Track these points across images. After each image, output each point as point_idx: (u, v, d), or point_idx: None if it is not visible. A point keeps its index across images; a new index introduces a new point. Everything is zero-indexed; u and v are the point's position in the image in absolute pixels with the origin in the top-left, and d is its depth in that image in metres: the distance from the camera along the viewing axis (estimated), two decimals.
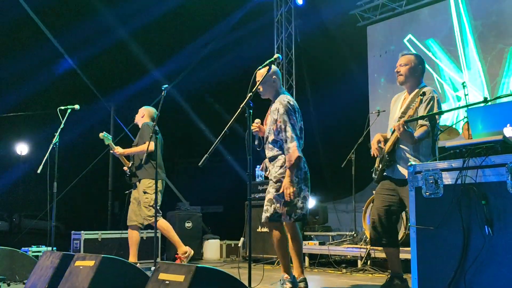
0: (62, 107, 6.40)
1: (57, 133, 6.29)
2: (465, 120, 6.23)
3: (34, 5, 8.86)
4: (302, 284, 4.76)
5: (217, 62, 10.71)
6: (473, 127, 2.86)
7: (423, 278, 2.82)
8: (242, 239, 4.57)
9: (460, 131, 6.61)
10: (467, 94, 6.47)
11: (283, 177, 4.61)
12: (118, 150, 6.43)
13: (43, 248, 7.31)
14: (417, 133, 4.23)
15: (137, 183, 6.47)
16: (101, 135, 6.43)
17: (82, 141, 9.46)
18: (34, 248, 7.36)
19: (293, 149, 4.54)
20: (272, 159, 4.79)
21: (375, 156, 4.64)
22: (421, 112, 4.28)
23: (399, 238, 6.42)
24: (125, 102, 9.86)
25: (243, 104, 4.19)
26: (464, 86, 6.52)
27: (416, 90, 4.52)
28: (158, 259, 8.36)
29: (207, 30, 10.70)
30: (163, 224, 6.43)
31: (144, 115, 6.73)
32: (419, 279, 2.83)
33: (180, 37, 10.45)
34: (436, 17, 9.37)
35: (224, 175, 10.90)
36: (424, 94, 4.20)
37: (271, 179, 4.76)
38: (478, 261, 2.59)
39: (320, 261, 7.42)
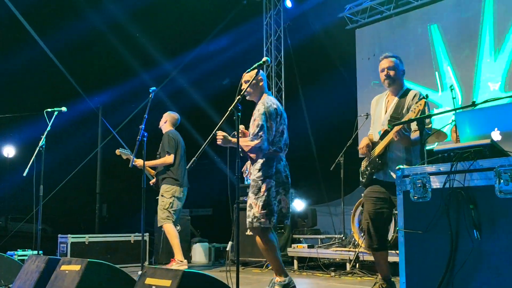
0: (49, 109, 6.35)
1: (44, 136, 6.23)
2: (453, 123, 6.25)
3: (20, 6, 8.79)
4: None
5: (206, 64, 10.68)
6: (461, 131, 2.85)
7: (411, 282, 2.81)
8: (230, 242, 4.54)
9: (448, 133, 6.63)
10: (454, 97, 6.48)
11: (261, 180, 4.63)
12: (139, 162, 6.27)
13: (29, 252, 7.23)
14: (413, 136, 4.27)
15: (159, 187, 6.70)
16: (117, 151, 6.48)
17: (69, 143, 9.38)
18: (20, 252, 7.28)
19: (250, 143, 4.59)
20: (253, 162, 4.80)
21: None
22: (411, 117, 4.30)
23: (390, 239, 6.45)
24: (112, 104, 9.80)
25: (231, 107, 4.17)
26: (452, 89, 6.53)
27: (411, 93, 4.52)
28: (146, 263, 8.35)
29: (195, 34, 10.67)
30: (170, 229, 6.55)
31: (167, 121, 6.81)
32: (407, 283, 2.82)
33: (169, 39, 10.41)
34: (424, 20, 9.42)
35: (213, 178, 10.88)
36: (427, 96, 4.24)
37: (251, 183, 4.76)
38: (466, 265, 2.57)
39: (309, 264, 7.40)
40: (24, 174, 5.99)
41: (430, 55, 9.22)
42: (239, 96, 4.29)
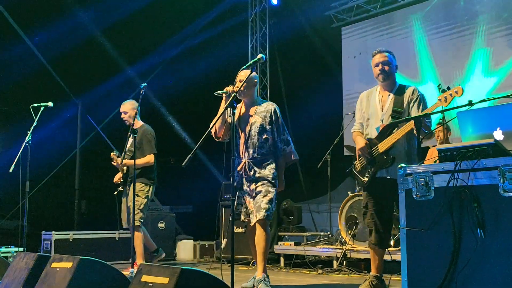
0: (35, 105, 6.26)
1: (30, 131, 6.14)
2: (440, 121, 6.32)
3: (4, 1, 8.67)
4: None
5: (191, 61, 10.62)
6: (463, 130, 2.88)
7: (413, 280, 2.83)
8: (225, 240, 4.55)
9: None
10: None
11: (276, 180, 4.93)
12: (124, 161, 6.22)
13: (13, 249, 7.12)
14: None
15: (128, 185, 6.36)
16: (112, 154, 6.30)
17: (51, 139, 9.25)
18: (3, 249, 7.16)
19: (291, 151, 5.03)
20: (263, 160, 4.94)
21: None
22: (415, 110, 4.36)
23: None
24: (95, 100, 9.69)
25: (226, 104, 4.16)
26: (439, 88, 6.57)
27: (409, 89, 4.53)
28: (131, 260, 8.27)
29: (180, 29, 10.60)
30: (140, 233, 6.33)
31: (135, 113, 6.37)
32: (408, 281, 2.84)
33: (152, 36, 10.32)
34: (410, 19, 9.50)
35: (195, 175, 10.83)
36: (415, 92, 4.31)
37: (261, 179, 4.89)
38: (470, 264, 2.60)
39: (295, 262, 7.41)
40: (10, 170, 5.90)
41: (415, 54, 9.30)
42: (234, 94, 4.29)
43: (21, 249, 7.09)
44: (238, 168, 4.96)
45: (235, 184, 4.66)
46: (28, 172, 6.03)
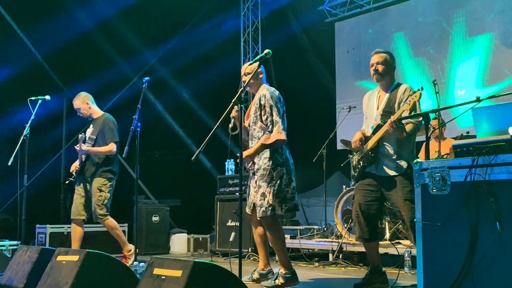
0: (33, 98, 6.22)
1: (28, 124, 6.10)
2: (436, 116, 6.40)
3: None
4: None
5: (182, 52, 10.59)
6: (478, 126, 2.94)
7: (429, 273, 2.89)
8: (233, 233, 4.57)
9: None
10: (437, 92, 6.59)
11: (272, 168, 4.66)
12: (86, 147, 6.16)
13: (7, 242, 7.07)
14: (408, 129, 4.37)
15: (90, 178, 6.30)
16: (80, 136, 6.25)
17: (40, 133, 9.17)
18: None
19: (276, 131, 4.61)
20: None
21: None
22: (407, 109, 4.36)
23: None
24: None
25: (234, 99, 4.17)
26: (434, 84, 6.63)
27: (401, 87, 4.60)
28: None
29: (173, 22, 10.56)
30: (111, 223, 6.38)
31: (91, 103, 6.45)
32: (424, 274, 2.90)
33: (146, 30, 10.28)
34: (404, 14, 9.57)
35: (183, 169, 10.83)
36: (423, 88, 4.31)
37: (257, 172, 4.76)
38: (486, 257, 2.67)
39: (291, 255, 7.44)
40: (9, 163, 5.86)
41: (409, 50, 9.37)
42: (242, 88, 4.32)
43: (15, 242, 7.07)
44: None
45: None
46: (26, 165, 5.99)
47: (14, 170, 6.22)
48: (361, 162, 4.67)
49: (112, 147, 6.22)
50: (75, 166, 6.37)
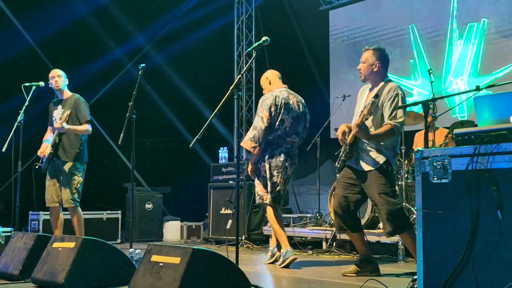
0: (27, 84, 6.15)
1: (22, 111, 6.04)
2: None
3: None
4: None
5: (176, 39, 10.54)
6: (479, 114, 2.95)
7: (429, 261, 2.91)
8: (230, 221, 4.59)
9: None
10: (433, 81, 6.61)
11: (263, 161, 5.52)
12: (67, 125, 5.89)
13: (0, 229, 7.01)
14: (378, 131, 4.43)
15: (62, 161, 6.09)
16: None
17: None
18: None
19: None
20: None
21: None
22: (386, 110, 4.44)
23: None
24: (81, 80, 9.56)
25: (232, 86, 4.16)
26: (430, 73, 6.65)
27: (387, 87, 4.54)
28: (118, 240, 8.27)
29: (167, 8, 10.49)
30: (81, 213, 6.23)
31: (66, 82, 6.28)
32: (424, 262, 2.92)
33: (139, 16, 10.21)
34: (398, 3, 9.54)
35: (173, 156, 10.81)
36: (377, 96, 4.35)
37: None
38: (487, 245, 2.68)
39: None
40: (3, 150, 5.81)
41: (403, 39, 9.36)
42: (240, 76, 4.31)
43: (8, 229, 7.02)
44: None
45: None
46: (20, 152, 5.94)
47: (6, 157, 6.14)
48: (343, 155, 4.70)
49: (88, 126, 6.08)
50: (44, 149, 6.09)
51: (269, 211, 5.53)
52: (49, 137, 6.21)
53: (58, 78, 6.19)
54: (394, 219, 4.35)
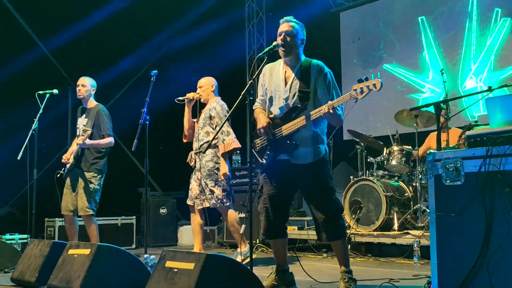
0: (41, 92, 6.21)
1: (36, 118, 6.10)
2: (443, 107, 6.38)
3: None
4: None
5: (189, 44, 10.57)
6: (491, 116, 2.93)
7: (443, 263, 2.89)
8: (243, 225, 4.56)
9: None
10: (445, 81, 6.58)
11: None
12: (89, 141, 5.94)
13: (17, 236, 7.09)
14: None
15: (81, 171, 6.11)
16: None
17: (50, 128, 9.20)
18: (7, 236, 7.12)
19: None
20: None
21: None
22: (325, 93, 4.11)
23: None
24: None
25: (243, 91, 4.14)
26: (442, 73, 6.62)
27: (314, 66, 4.25)
28: (133, 245, 8.32)
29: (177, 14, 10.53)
30: (95, 222, 6.24)
31: (91, 93, 6.26)
32: (438, 265, 2.90)
33: (147, 26, 10.27)
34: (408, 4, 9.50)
35: (182, 160, 10.82)
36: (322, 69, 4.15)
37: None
38: (502, 248, 2.66)
39: (298, 246, 7.47)
40: (18, 158, 5.87)
41: (415, 39, 9.32)
42: (251, 80, 4.28)
43: (25, 236, 7.09)
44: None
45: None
46: (36, 159, 6.00)
47: (22, 165, 6.20)
48: (269, 148, 4.19)
49: (110, 139, 6.12)
50: (69, 156, 6.13)
51: (234, 214, 6.07)
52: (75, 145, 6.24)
53: (82, 87, 6.20)
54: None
